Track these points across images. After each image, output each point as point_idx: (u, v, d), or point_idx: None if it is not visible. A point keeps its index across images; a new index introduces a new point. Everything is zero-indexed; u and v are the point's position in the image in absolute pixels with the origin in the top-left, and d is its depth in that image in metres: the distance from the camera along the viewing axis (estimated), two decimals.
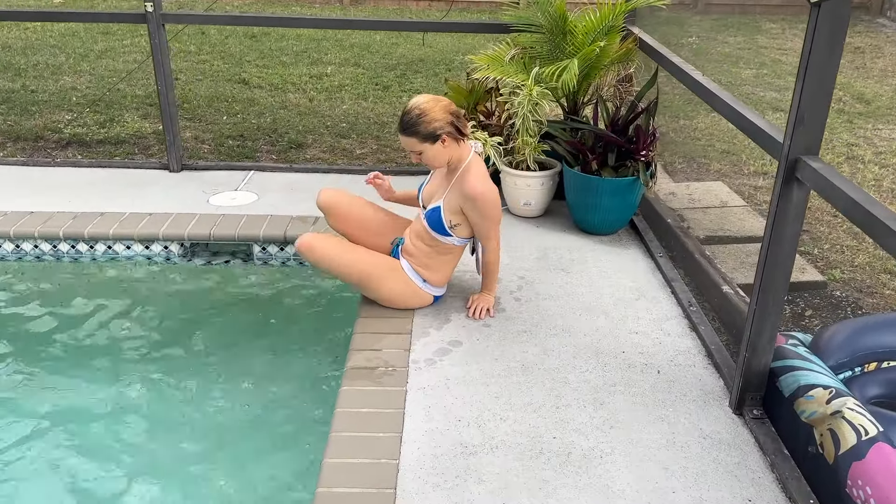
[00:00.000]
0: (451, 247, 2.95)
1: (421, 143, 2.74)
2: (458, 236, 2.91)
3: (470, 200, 2.78)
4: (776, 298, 2.31)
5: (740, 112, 2.46)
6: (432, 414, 2.44)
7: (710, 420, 2.46)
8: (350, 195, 3.13)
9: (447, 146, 2.78)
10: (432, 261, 2.97)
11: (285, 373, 3.00)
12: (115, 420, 2.74)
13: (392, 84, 7.13)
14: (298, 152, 5.29)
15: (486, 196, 2.77)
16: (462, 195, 2.80)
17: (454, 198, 2.84)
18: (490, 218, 2.83)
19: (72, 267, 3.67)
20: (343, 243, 2.95)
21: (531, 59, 4.02)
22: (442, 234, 2.90)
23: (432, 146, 2.75)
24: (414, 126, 2.71)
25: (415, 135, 2.72)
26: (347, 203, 3.09)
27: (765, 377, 2.44)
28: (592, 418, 2.44)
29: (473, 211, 2.81)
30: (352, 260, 2.89)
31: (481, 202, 2.77)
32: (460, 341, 2.85)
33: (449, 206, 2.85)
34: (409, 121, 2.72)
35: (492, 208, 2.81)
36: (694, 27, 10.05)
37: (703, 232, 3.86)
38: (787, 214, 2.19)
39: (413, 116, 2.71)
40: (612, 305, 3.12)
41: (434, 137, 2.74)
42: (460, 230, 2.89)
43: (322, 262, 2.88)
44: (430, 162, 2.82)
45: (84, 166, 4.52)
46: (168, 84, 4.29)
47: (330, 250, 2.87)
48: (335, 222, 3.10)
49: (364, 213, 3.10)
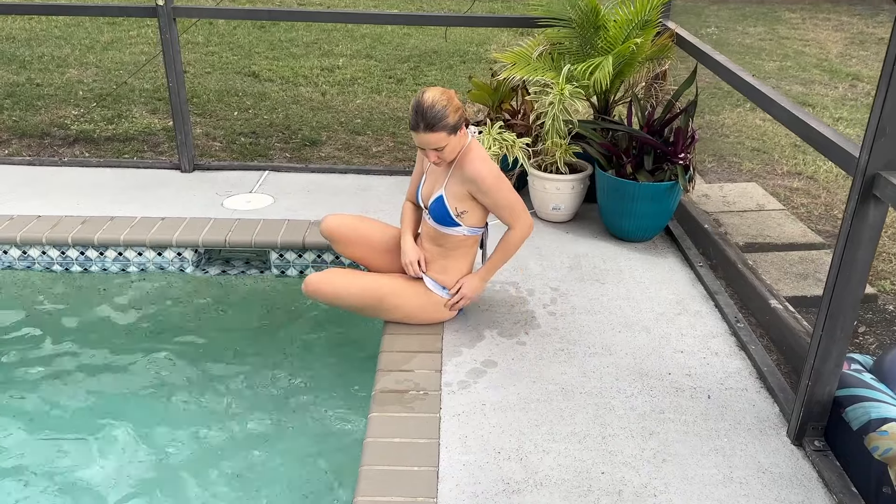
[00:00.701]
0: (462, 239, 2.77)
1: (448, 135, 2.56)
2: (466, 225, 2.72)
3: (475, 182, 2.63)
4: (845, 325, 2.13)
5: (804, 121, 2.27)
6: (469, 444, 2.27)
7: (768, 452, 2.29)
8: (354, 218, 2.98)
9: (462, 135, 2.64)
10: (447, 261, 2.80)
11: (306, 396, 2.84)
12: (125, 444, 2.58)
13: (406, 77, 6.93)
14: (313, 150, 5.10)
15: (489, 175, 2.62)
16: (465, 178, 2.65)
17: (456, 183, 2.68)
18: (497, 194, 2.65)
19: (80, 275, 3.50)
20: (349, 273, 2.80)
21: (560, 56, 3.83)
22: (449, 226, 2.73)
23: (455, 137, 2.60)
24: (442, 120, 2.53)
25: (443, 129, 2.54)
26: (353, 227, 2.93)
27: (828, 407, 2.26)
28: (643, 450, 2.27)
29: (481, 193, 2.65)
30: (363, 286, 2.74)
31: (487, 182, 2.61)
32: (495, 361, 2.67)
33: (452, 193, 2.69)
34: (436, 115, 2.53)
35: (498, 185, 2.64)
36: (712, 17, 9.81)
37: (742, 238, 3.68)
38: (862, 236, 2.01)
39: (439, 110, 2.53)
40: (654, 321, 2.94)
41: (457, 128, 2.58)
42: (468, 218, 2.71)
43: (335, 299, 2.75)
44: (448, 156, 2.63)
45: (92, 166, 4.34)
46: (179, 81, 4.10)
47: (338, 283, 2.73)
48: (343, 249, 2.95)
49: (372, 235, 2.94)
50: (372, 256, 2.95)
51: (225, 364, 3.00)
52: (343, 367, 2.97)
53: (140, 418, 2.70)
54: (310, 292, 2.73)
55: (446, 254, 2.79)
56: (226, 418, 2.72)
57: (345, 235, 2.92)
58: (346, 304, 2.77)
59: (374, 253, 2.95)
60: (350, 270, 2.85)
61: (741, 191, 4.29)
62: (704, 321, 2.96)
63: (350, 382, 2.86)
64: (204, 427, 2.67)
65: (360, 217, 3.01)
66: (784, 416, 2.44)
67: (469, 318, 2.92)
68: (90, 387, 2.86)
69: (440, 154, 2.61)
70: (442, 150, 2.59)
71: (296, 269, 3.54)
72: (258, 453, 2.56)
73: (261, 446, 2.59)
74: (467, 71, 7.18)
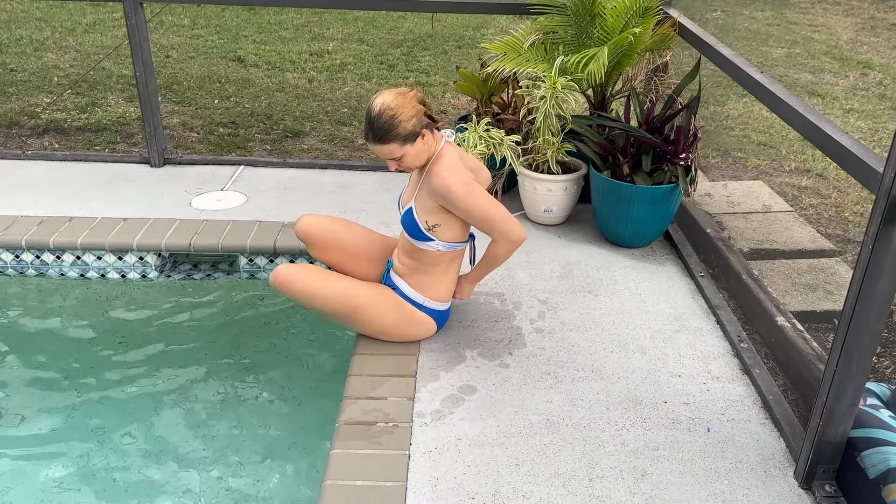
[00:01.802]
0: (438, 255, 2.51)
1: (402, 146, 2.31)
2: (440, 240, 2.46)
3: (442, 195, 2.36)
4: (862, 361, 1.89)
5: (819, 127, 2.01)
6: (440, 489, 2.04)
7: (773, 497, 2.05)
8: (333, 220, 2.70)
9: (426, 140, 2.36)
10: (424, 277, 2.55)
11: (274, 415, 2.60)
12: (76, 458, 2.35)
13: (398, 63, 6.65)
14: (294, 142, 4.84)
15: (455, 185, 2.33)
16: (431, 190, 2.39)
17: (425, 195, 2.43)
18: (469, 203, 2.36)
19: (36, 281, 3.26)
20: (325, 273, 2.53)
21: (553, 46, 3.56)
22: (421, 240, 2.47)
23: (412, 146, 2.33)
24: (391, 130, 2.27)
25: (394, 140, 2.29)
26: (331, 230, 2.66)
27: (841, 448, 2.03)
28: (633, 495, 2.03)
29: (452, 205, 2.38)
30: (336, 291, 2.47)
31: (455, 192, 2.34)
32: (474, 386, 2.44)
33: (421, 206, 2.44)
34: (382, 126, 2.27)
35: (468, 194, 2.35)
36: (718, 0, 9.48)
37: (747, 244, 3.43)
38: (885, 263, 1.76)
39: (386, 120, 2.27)
40: (649, 339, 2.70)
41: (414, 136, 2.31)
42: (441, 232, 2.45)
43: (305, 299, 2.48)
44: (410, 164, 2.38)
45: (57, 160, 4.09)
46: (148, 71, 3.84)
47: (312, 283, 2.46)
48: (318, 253, 2.69)
49: (351, 240, 2.68)
50: (350, 264, 2.69)
51: (187, 375, 2.76)
52: (314, 376, 2.74)
53: (98, 429, 2.48)
54: (278, 284, 2.47)
55: (423, 269, 2.54)
56: (189, 429, 2.49)
57: (322, 239, 2.67)
58: (316, 307, 2.51)
59: (353, 260, 2.69)
60: (326, 271, 2.58)
61: (746, 189, 4.03)
62: (705, 339, 2.72)
63: (320, 395, 2.63)
64: (167, 438, 2.44)
65: (339, 219, 2.73)
66: (791, 453, 2.20)
67: (449, 335, 2.68)
68: (44, 398, 2.63)
69: (399, 163, 2.36)
70: (399, 159, 2.34)
71: (266, 273, 3.30)
72: (223, 466, 2.33)
73: (226, 458, 2.36)
74: (462, 56, 6.91)
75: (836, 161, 1.92)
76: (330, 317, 2.56)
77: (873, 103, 5.85)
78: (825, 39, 7.73)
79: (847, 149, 1.87)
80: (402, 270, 2.59)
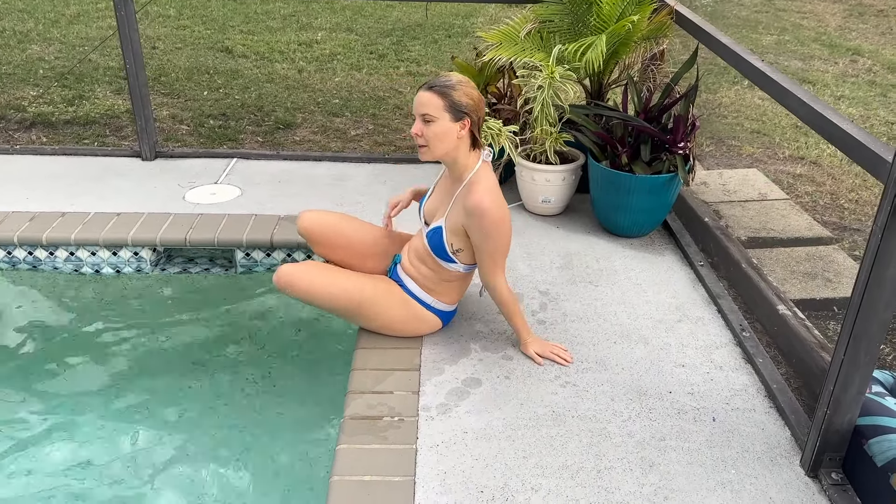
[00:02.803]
0: (457, 274, 2.51)
1: (443, 110, 2.26)
2: (462, 263, 2.45)
3: (474, 216, 2.30)
4: (870, 350, 1.89)
5: (826, 116, 2.00)
6: (449, 483, 2.03)
7: (780, 486, 2.06)
8: (335, 216, 2.66)
9: (461, 137, 2.32)
10: (436, 286, 2.53)
11: (276, 416, 2.58)
12: (69, 451, 2.33)
13: (388, 52, 6.60)
14: (287, 134, 4.80)
15: (492, 212, 2.28)
16: (464, 209, 2.33)
17: (456, 215, 2.38)
18: (494, 238, 2.33)
19: (29, 276, 3.22)
20: (329, 270, 2.51)
21: (549, 34, 3.53)
22: (445, 261, 2.45)
23: (448, 122, 2.28)
24: (449, 88, 2.27)
25: (444, 97, 2.26)
26: (333, 227, 2.62)
27: (847, 436, 2.03)
28: (642, 486, 2.03)
29: (475, 229, 2.32)
30: (341, 287, 2.45)
31: (488, 219, 2.29)
32: (479, 379, 2.42)
33: (451, 227, 2.39)
34: (445, 82, 2.28)
35: (498, 227, 2.31)
36: None
37: (745, 232, 3.43)
38: (893, 251, 1.76)
39: (455, 81, 2.29)
40: (652, 329, 2.70)
41: (458, 113, 2.28)
42: (464, 256, 2.44)
43: (310, 297, 2.45)
44: (431, 140, 2.30)
45: (47, 154, 4.03)
46: (138, 63, 3.78)
47: (316, 281, 2.43)
48: (322, 250, 2.66)
49: (354, 236, 2.64)
50: (355, 260, 2.65)
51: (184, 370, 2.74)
52: (314, 370, 2.72)
53: (94, 423, 2.45)
54: (282, 285, 2.44)
55: (436, 280, 2.51)
56: (186, 423, 2.47)
57: (325, 236, 2.63)
58: (321, 304, 2.48)
59: (357, 257, 2.65)
60: (330, 267, 2.55)
61: (742, 178, 4.03)
62: (707, 329, 2.72)
63: (321, 392, 2.61)
64: (161, 432, 2.42)
65: (341, 215, 2.69)
66: (797, 441, 2.21)
67: (451, 328, 2.67)
68: (38, 394, 2.59)
69: (424, 130, 2.29)
70: (428, 123, 2.29)
71: (263, 267, 3.27)
72: (221, 461, 2.31)
73: (224, 454, 2.34)
74: (453, 46, 6.86)
75: (843, 150, 1.92)
76: (335, 313, 2.53)
77: (863, 90, 5.87)
78: (814, 26, 7.75)
79: (855, 138, 1.87)
80: (413, 274, 2.55)
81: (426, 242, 2.46)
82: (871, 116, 5.27)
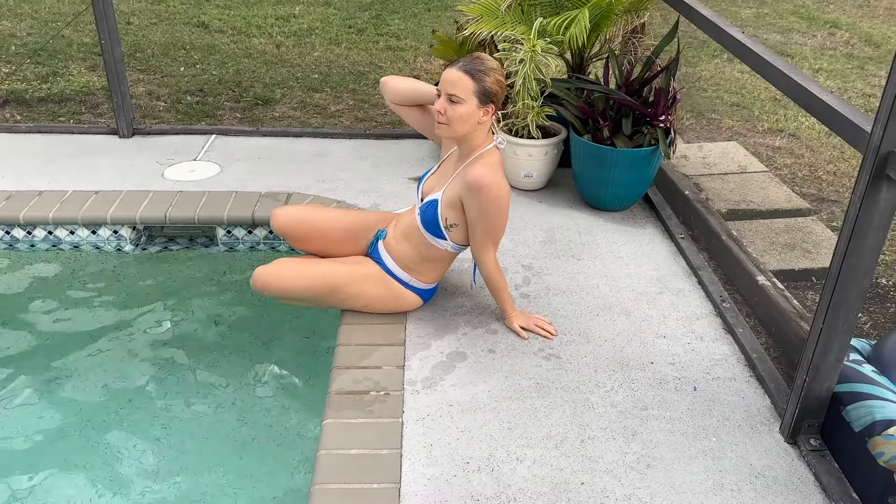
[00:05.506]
0: (443, 253, 2.51)
1: (472, 93, 2.26)
2: (452, 241, 2.45)
3: (472, 190, 2.30)
4: (848, 318, 1.92)
5: (806, 88, 2.02)
6: (435, 455, 2.05)
7: (760, 452, 2.10)
8: (305, 209, 2.69)
9: (482, 122, 2.33)
10: (416, 265, 2.52)
11: (260, 391, 2.59)
12: (57, 441, 2.32)
13: (367, 27, 6.53)
14: (265, 110, 4.75)
15: (492, 188, 2.28)
16: (465, 183, 2.33)
17: (455, 187, 2.38)
18: (491, 217, 2.33)
19: (7, 256, 3.18)
20: (299, 262, 2.51)
21: (530, 7, 3.51)
22: (436, 236, 2.44)
23: (475, 104, 2.28)
24: (482, 73, 2.26)
25: (477, 80, 2.25)
26: (307, 220, 2.64)
27: (826, 403, 2.07)
28: (625, 454, 2.07)
29: (473, 204, 2.32)
30: (314, 275, 2.46)
31: (486, 194, 2.28)
32: (464, 352, 2.44)
33: (448, 199, 2.39)
34: (479, 66, 2.27)
35: (495, 204, 2.31)
36: None
37: (725, 204, 3.46)
38: (871, 221, 1.78)
39: (490, 66, 2.28)
40: (633, 301, 2.73)
41: (486, 99, 2.28)
42: (456, 233, 2.43)
43: (286, 295, 2.48)
44: (453, 120, 2.29)
45: (21, 132, 3.96)
46: (113, 38, 3.72)
47: (287, 276, 2.44)
48: (299, 245, 2.67)
49: (326, 223, 2.65)
50: (333, 248, 2.66)
51: (168, 350, 2.73)
52: (297, 347, 2.72)
53: (74, 407, 2.44)
54: (259, 287, 2.45)
55: (419, 260, 2.51)
56: (167, 402, 2.47)
57: (299, 230, 2.64)
58: (300, 297, 2.50)
59: (332, 244, 2.66)
60: (300, 259, 2.57)
61: (721, 151, 4.06)
62: (687, 301, 2.75)
63: (304, 365, 2.62)
64: (142, 411, 2.42)
65: (312, 207, 2.73)
66: (776, 409, 2.25)
67: (436, 303, 2.67)
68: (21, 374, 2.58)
69: (448, 109, 2.28)
70: (454, 104, 2.27)
71: (245, 245, 3.25)
72: (204, 444, 2.32)
73: (208, 437, 2.35)
74: (433, 19, 6.81)
75: (823, 121, 1.93)
76: (316, 304, 2.55)
77: (841, 62, 5.91)
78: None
79: (834, 108, 1.89)
80: (395, 250, 2.54)
81: (418, 217, 2.46)
82: (849, 89, 5.31)
